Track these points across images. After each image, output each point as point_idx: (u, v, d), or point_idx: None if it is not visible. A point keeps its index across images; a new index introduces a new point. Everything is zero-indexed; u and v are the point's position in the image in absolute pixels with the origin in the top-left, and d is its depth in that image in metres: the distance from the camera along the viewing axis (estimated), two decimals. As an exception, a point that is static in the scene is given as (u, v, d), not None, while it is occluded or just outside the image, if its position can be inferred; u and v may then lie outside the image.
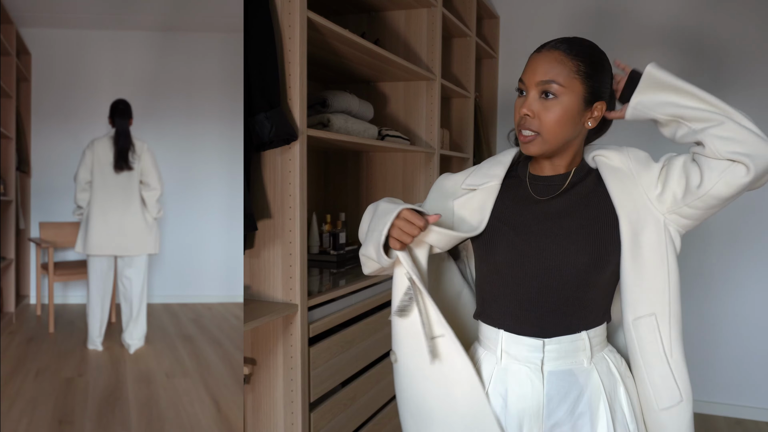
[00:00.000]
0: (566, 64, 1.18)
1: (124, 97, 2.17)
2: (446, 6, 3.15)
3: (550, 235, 1.22)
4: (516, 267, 1.22)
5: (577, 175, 1.27)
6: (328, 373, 1.97)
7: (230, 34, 2.15)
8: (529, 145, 1.20)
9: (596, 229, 1.21)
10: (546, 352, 1.22)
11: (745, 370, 3.44)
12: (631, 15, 3.53)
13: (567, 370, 1.22)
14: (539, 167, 1.29)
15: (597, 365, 1.24)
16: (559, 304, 1.21)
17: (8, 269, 2.02)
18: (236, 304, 2.17)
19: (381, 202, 1.28)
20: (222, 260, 2.26)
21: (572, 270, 1.20)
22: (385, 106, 2.91)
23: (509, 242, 1.24)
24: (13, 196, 2.00)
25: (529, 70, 1.20)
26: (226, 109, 2.22)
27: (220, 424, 1.81)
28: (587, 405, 1.22)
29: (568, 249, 1.20)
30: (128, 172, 2.15)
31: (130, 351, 2.13)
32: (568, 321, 1.22)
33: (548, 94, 1.17)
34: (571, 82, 1.17)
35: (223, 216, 2.26)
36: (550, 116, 1.17)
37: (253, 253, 1.88)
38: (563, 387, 1.21)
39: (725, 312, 3.46)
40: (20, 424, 1.67)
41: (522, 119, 1.20)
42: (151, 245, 2.21)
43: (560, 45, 1.20)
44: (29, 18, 2.05)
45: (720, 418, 3.44)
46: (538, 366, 1.22)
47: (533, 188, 1.28)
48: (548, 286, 1.21)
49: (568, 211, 1.24)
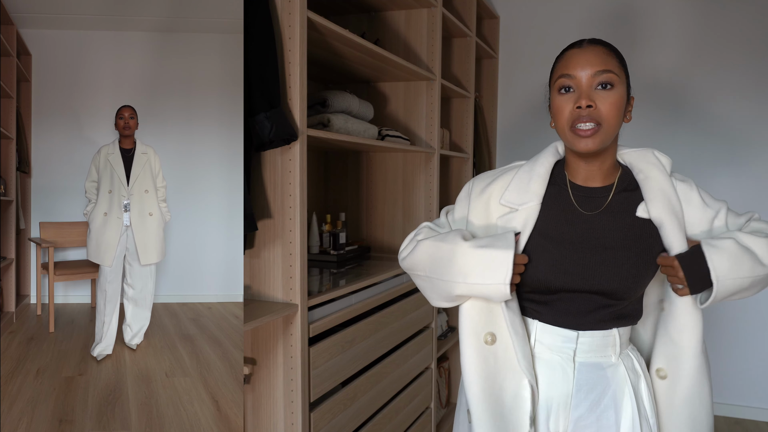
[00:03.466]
0: (613, 57, 1.19)
1: (125, 98, 2.17)
2: (446, 6, 3.15)
3: (595, 253, 1.20)
4: (558, 282, 1.22)
5: (621, 184, 1.26)
6: (328, 373, 1.98)
7: (230, 34, 2.16)
8: (590, 139, 1.16)
9: (640, 249, 1.20)
10: (579, 343, 1.23)
11: (745, 370, 3.44)
12: (631, 15, 3.53)
13: (596, 363, 1.24)
14: (582, 175, 1.25)
15: (624, 360, 1.26)
16: (597, 310, 1.23)
17: (8, 269, 2.03)
18: (236, 303, 2.17)
19: (456, 237, 1.24)
20: (222, 260, 2.26)
21: (616, 288, 1.20)
22: (385, 106, 2.91)
23: (552, 259, 1.22)
24: (13, 196, 2.01)
25: (580, 63, 1.17)
26: (226, 109, 2.23)
27: (219, 423, 1.81)
28: (612, 399, 1.24)
29: (613, 269, 1.19)
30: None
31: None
32: (603, 320, 1.24)
33: (606, 85, 1.16)
34: (620, 73, 1.18)
35: (223, 216, 2.26)
36: (610, 106, 1.15)
37: (253, 253, 1.89)
38: (591, 379, 1.23)
39: (725, 312, 3.46)
40: (20, 423, 1.67)
41: (580, 112, 1.15)
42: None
43: (598, 42, 1.20)
44: (30, 19, 2.05)
45: (720, 418, 3.44)
46: (570, 356, 1.24)
47: (576, 200, 1.25)
48: (589, 298, 1.22)
49: (613, 228, 1.22)
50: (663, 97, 3.47)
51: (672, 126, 3.47)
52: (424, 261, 1.26)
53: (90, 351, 2.05)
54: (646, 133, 3.50)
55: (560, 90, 1.19)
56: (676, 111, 3.46)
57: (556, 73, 1.22)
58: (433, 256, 1.25)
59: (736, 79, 3.36)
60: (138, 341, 2.19)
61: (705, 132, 3.42)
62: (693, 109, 3.43)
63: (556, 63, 1.23)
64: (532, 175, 1.28)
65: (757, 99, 3.33)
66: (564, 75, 1.18)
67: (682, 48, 3.44)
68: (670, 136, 3.47)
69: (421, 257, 1.27)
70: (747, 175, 3.36)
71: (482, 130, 3.61)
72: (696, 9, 3.41)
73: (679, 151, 3.44)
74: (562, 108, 1.18)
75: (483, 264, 1.18)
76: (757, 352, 3.41)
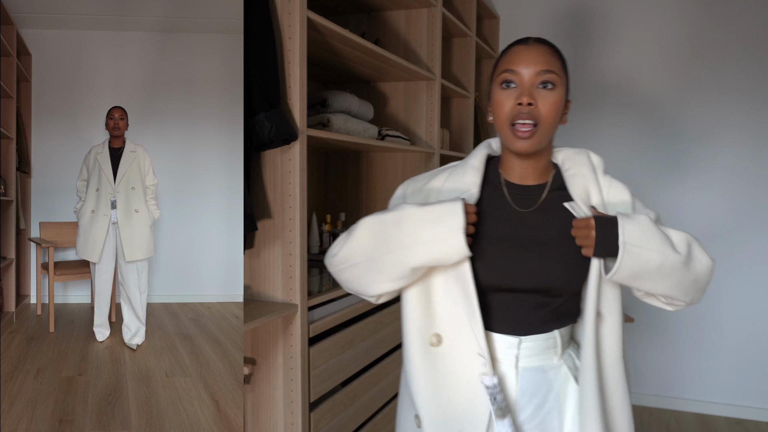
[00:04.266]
0: (556, 58, 1.20)
1: (125, 98, 2.18)
2: (446, 6, 3.15)
3: (531, 249, 1.21)
4: (495, 281, 1.21)
5: (555, 183, 1.27)
6: (328, 373, 1.98)
7: (230, 34, 2.16)
8: (527, 141, 1.16)
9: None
10: (522, 349, 1.23)
11: (745, 370, 3.44)
12: (631, 15, 3.53)
13: (539, 366, 1.24)
14: (517, 172, 1.26)
15: (566, 361, 1.26)
16: (533, 310, 1.23)
17: (8, 269, 2.03)
18: (236, 303, 2.17)
19: (402, 209, 1.20)
20: (222, 260, 2.27)
21: (553, 285, 1.20)
22: (385, 106, 2.92)
23: (489, 257, 1.21)
24: (13, 196, 2.01)
25: (524, 60, 1.17)
26: (226, 109, 2.23)
27: (219, 423, 1.81)
28: (555, 401, 1.24)
29: (550, 265, 1.20)
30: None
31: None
32: (544, 323, 1.24)
33: (548, 84, 1.17)
34: (562, 75, 1.19)
35: (223, 216, 2.26)
36: (549, 106, 1.16)
37: (253, 253, 1.89)
38: (535, 382, 1.23)
39: (725, 312, 3.46)
40: (20, 423, 1.67)
41: (521, 109, 1.16)
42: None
43: (543, 42, 1.21)
44: (30, 19, 2.05)
45: (720, 418, 3.44)
46: (513, 363, 1.23)
47: (512, 198, 1.26)
48: (527, 298, 1.22)
49: (548, 224, 1.23)
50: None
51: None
52: (364, 242, 1.22)
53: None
54: (646, 135, 3.51)
55: (502, 84, 1.19)
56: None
57: (499, 67, 1.22)
58: (376, 230, 1.21)
59: (735, 81, 3.37)
60: (138, 341, 2.19)
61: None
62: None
63: (501, 58, 1.24)
64: (466, 168, 1.28)
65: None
66: (508, 70, 1.19)
67: (679, 48, 3.44)
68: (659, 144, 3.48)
69: (360, 240, 1.22)
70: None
71: (482, 130, 3.61)
72: (693, 12, 3.41)
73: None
74: (503, 103, 1.18)
75: (434, 218, 1.16)
76: (758, 352, 3.42)
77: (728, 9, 3.37)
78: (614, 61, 3.53)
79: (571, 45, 3.61)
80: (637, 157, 3.53)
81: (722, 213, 3.42)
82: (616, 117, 3.56)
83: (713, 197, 3.43)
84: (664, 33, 3.47)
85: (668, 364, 3.57)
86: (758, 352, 3.41)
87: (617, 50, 3.53)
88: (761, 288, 3.40)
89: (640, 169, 3.52)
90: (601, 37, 3.56)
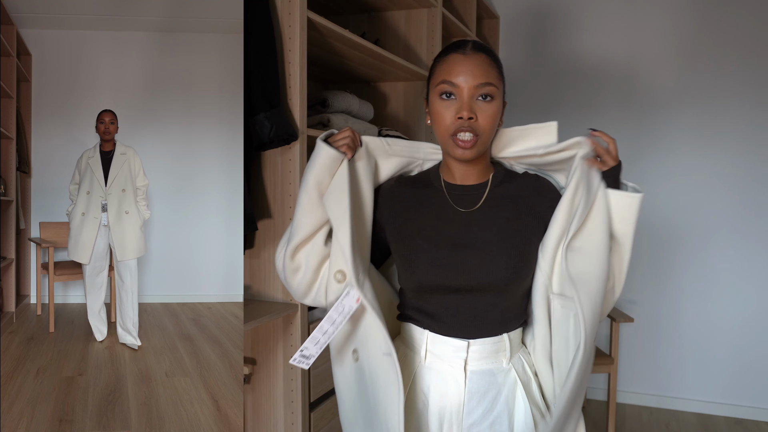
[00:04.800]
0: (493, 67, 1.19)
1: (124, 97, 2.18)
2: (446, 6, 3.15)
3: (474, 248, 1.21)
4: (439, 281, 1.22)
5: (495, 181, 1.27)
6: (328, 373, 1.98)
7: (230, 34, 2.16)
8: (468, 150, 1.18)
9: (518, 241, 1.22)
10: (470, 352, 1.23)
11: (745, 370, 3.44)
12: (631, 15, 3.53)
13: (488, 369, 1.24)
14: (457, 175, 1.27)
15: (515, 365, 1.27)
16: (482, 312, 1.23)
17: (8, 269, 2.03)
18: (236, 303, 2.17)
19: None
20: (222, 260, 2.26)
21: (496, 283, 1.21)
22: (385, 106, 2.92)
23: (431, 258, 1.22)
24: (13, 196, 2.01)
25: (463, 72, 1.17)
26: (226, 109, 2.23)
27: (219, 423, 1.81)
28: (505, 404, 1.24)
29: (491, 263, 1.20)
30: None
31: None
32: (491, 325, 1.24)
33: (487, 96, 1.17)
34: (499, 84, 1.20)
35: (223, 216, 2.26)
36: (488, 118, 1.17)
37: (253, 253, 1.89)
38: (483, 386, 1.24)
39: (725, 312, 3.46)
40: (20, 423, 1.67)
41: (462, 123, 1.17)
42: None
43: (480, 49, 1.20)
44: (30, 19, 2.05)
45: (720, 418, 3.44)
46: (461, 365, 1.24)
47: (453, 199, 1.26)
48: (472, 298, 1.22)
49: (490, 223, 1.23)
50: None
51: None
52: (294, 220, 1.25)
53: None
54: (644, 134, 3.51)
55: (441, 95, 1.19)
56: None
57: (437, 76, 1.21)
58: (298, 206, 1.25)
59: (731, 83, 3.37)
60: (131, 340, 2.19)
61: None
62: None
63: (439, 64, 1.22)
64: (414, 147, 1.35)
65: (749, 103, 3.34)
66: (446, 81, 1.18)
67: (680, 48, 3.45)
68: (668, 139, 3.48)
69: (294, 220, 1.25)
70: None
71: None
72: (696, 13, 3.41)
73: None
74: (443, 114, 1.19)
75: (309, 161, 1.22)
76: (757, 353, 3.41)
77: (728, 9, 3.37)
78: (614, 61, 3.53)
79: (571, 45, 3.61)
80: (636, 156, 3.53)
81: (722, 212, 3.42)
82: (614, 115, 3.56)
83: (713, 197, 3.43)
84: (664, 33, 3.47)
85: (668, 364, 3.57)
86: (758, 352, 3.42)
87: (617, 50, 3.53)
88: (761, 288, 3.40)
89: (640, 169, 3.52)
90: (601, 37, 3.56)
